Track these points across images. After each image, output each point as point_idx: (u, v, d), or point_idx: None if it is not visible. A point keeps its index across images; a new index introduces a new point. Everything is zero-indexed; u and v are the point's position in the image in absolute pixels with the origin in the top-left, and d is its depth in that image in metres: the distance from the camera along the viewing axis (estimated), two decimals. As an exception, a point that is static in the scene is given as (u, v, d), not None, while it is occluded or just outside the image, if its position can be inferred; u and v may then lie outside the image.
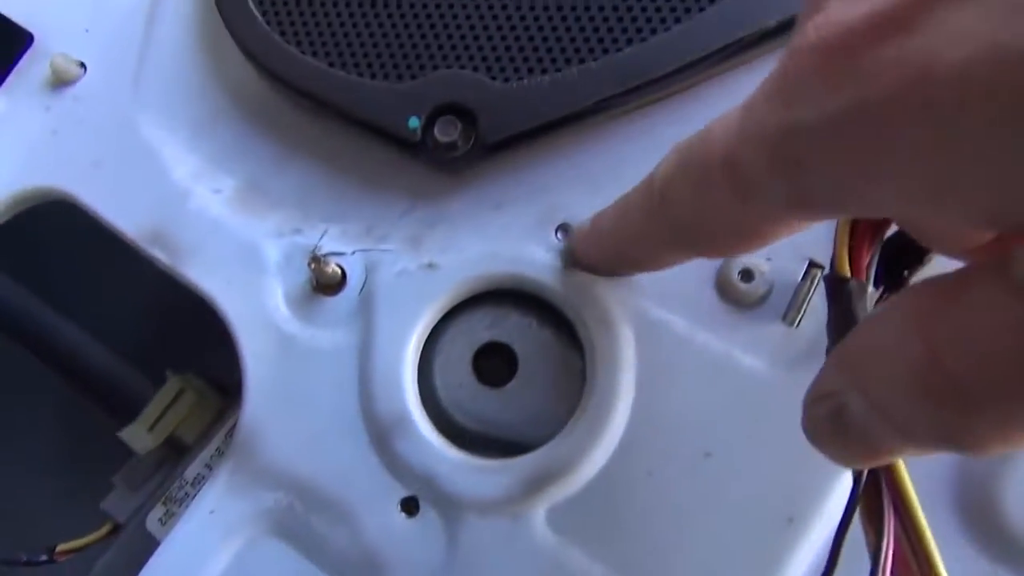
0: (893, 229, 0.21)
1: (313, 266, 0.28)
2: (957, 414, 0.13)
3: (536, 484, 0.25)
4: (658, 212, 0.20)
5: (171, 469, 0.31)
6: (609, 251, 0.25)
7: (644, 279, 0.26)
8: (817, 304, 0.26)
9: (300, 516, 0.27)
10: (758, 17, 0.26)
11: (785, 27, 0.26)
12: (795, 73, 0.14)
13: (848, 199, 0.15)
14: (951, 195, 0.13)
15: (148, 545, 0.28)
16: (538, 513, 0.25)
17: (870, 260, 0.21)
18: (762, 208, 0.17)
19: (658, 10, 0.27)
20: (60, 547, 0.32)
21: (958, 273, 0.14)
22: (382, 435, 0.26)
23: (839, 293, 0.20)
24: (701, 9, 0.27)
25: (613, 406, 0.25)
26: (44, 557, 0.31)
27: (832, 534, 0.18)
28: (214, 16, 0.31)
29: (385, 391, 0.27)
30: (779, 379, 0.25)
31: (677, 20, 0.27)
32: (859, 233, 0.20)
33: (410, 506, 0.26)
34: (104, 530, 0.31)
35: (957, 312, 0.13)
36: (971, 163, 0.12)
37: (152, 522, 0.30)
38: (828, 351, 0.20)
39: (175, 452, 0.32)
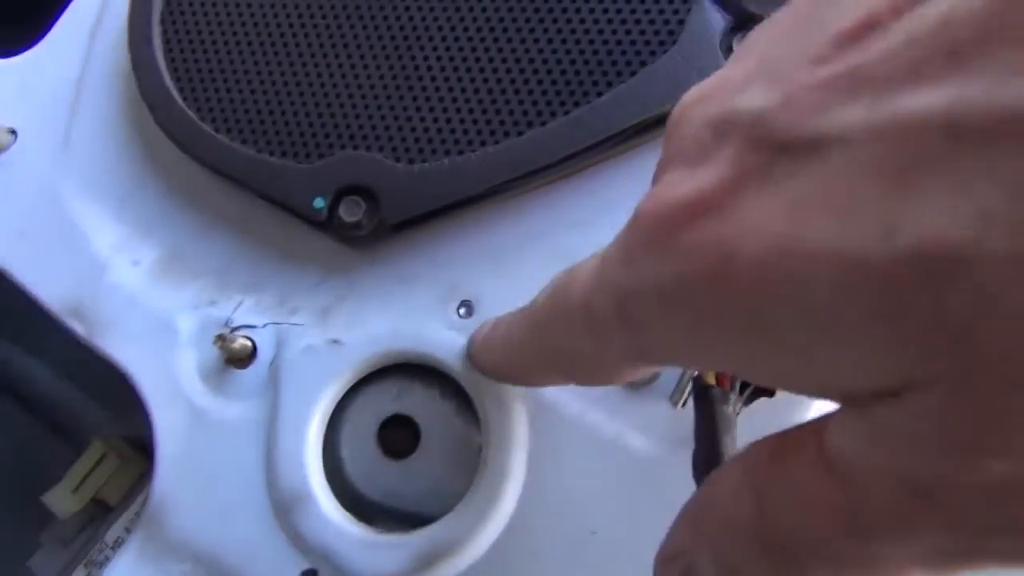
0: None
1: (219, 344, 0.28)
2: (792, 572, 0.13)
3: (426, 561, 0.26)
4: (535, 339, 0.21)
5: (96, 529, 0.32)
6: (497, 364, 0.25)
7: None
8: (703, 385, 0.26)
9: (205, 588, 0.28)
10: (649, 106, 0.27)
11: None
12: (633, 238, 0.15)
13: (683, 359, 0.16)
14: (761, 369, 0.13)
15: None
16: (432, 589, 0.26)
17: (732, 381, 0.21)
18: (615, 353, 0.17)
19: (555, 97, 0.28)
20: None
21: (793, 432, 0.14)
22: (284, 510, 0.27)
23: (702, 398, 0.21)
24: (599, 94, 0.28)
25: (503, 485, 0.26)
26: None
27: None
28: (136, 90, 0.32)
29: (287, 467, 0.27)
30: (665, 458, 0.26)
31: (575, 105, 0.28)
32: None
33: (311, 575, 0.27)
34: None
35: (783, 473, 0.13)
36: (770, 345, 0.12)
37: (72, 586, 0.31)
38: (694, 455, 0.21)
39: (101, 510, 0.33)
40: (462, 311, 0.29)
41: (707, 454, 0.20)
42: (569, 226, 0.29)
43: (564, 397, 0.27)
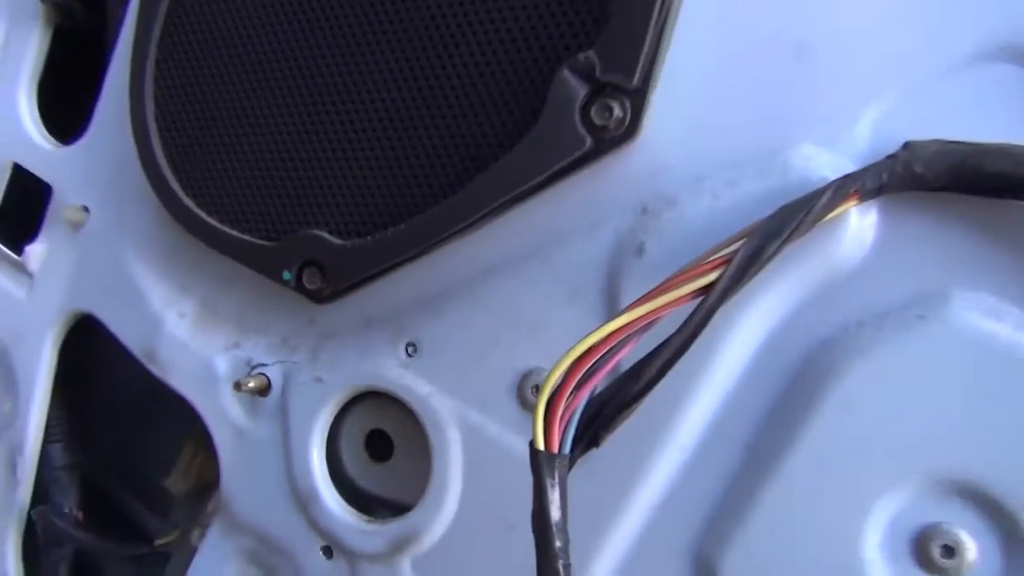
0: (584, 401, 0.26)
1: (237, 389, 0.37)
2: None
3: (398, 544, 0.35)
4: None
5: (203, 502, 0.44)
6: None
7: (467, 393, 0.34)
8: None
9: (265, 555, 0.39)
10: (520, 180, 0.30)
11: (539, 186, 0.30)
12: None
13: None
14: None
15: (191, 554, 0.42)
16: (405, 563, 0.35)
17: (563, 432, 0.27)
18: None
19: (449, 178, 0.32)
20: (157, 541, 0.47)
21: None
22: (303, 504, 0.37)
23: (538, 465, 0.27)
24: (480, 170, 0.31)
25: (447, 489, 0.34)
26: (146, 549, 0.47)
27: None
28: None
29: (300, 473, 0.37)
30: (571, 477, 0.32)
31: (465, 183, 0.32)
32: (551, 412, 0.26)
33: (327, 553, 0.37)
34: (173, 536, 0.45)
35: None
36: None
37: (194, 539, 0.43)
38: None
39: (203, 489, 0.45)
40: (410, 350, 0.35)
41: (534, 515, 0.26)
42: (482, 271, 0.34)
43: (485, 421, 0.33)
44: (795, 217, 0.26)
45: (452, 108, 0.32)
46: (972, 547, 0.27)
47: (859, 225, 0.27)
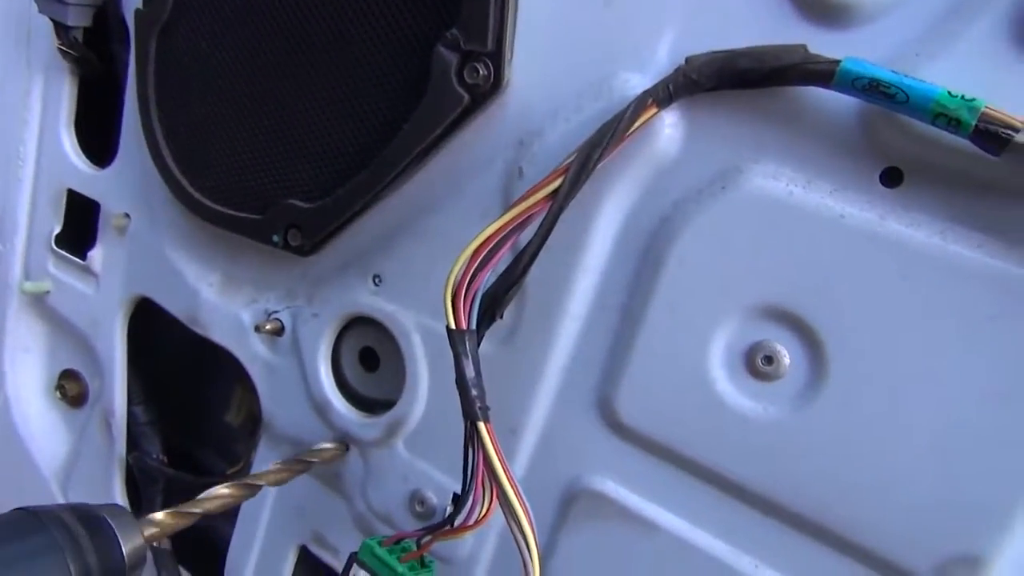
0: (482, 286, 0.36)
1: (258, 330, 0.49)
2: None
3: (391, 429, 0.46)
4: None
5: (254, 433, 0.56)
6: None
7: (421, 305, 0.44)
8: (514, 302, 0.41)
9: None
10: (425, 134, 0.40)
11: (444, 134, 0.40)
12: None
13: None
14: None
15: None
16: (399, 443, 0.46)
17: (469, 312, 0.37)
18: None
19: (374, 142, 0.42)
20: (229, 471, 0.59)
21: None
22: (320, 412, 0.48)
23: (452, 340, 0.37)
24: (394, 134, 0.41)
25: (419, 381, 0.44)
26: (219, 479, 0.59)
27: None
28: (170, 180, 0.51)
29: (315, 389, 0.48)
30: (498, 354, 0.42)
31: (384, 147, 0.41)
32: (456, 297, 0.36)
33: (344, 445, 0.48)
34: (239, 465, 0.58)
35: None
36: None
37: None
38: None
39: (253, 420, 0.57)
40: (376, 280, 0.46)
41: (456, 376, 0.36)
42: (417, 211, 0.43)
43: (438, 325, 0.43)
44: (609, 130, 0.35)
45: (364, 94, 0.41)
46: (786, 354, 0.35)
47: (667, 127, 0.36)
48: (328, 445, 0.48)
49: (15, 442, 0.68)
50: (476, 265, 0.36)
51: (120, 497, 0.61)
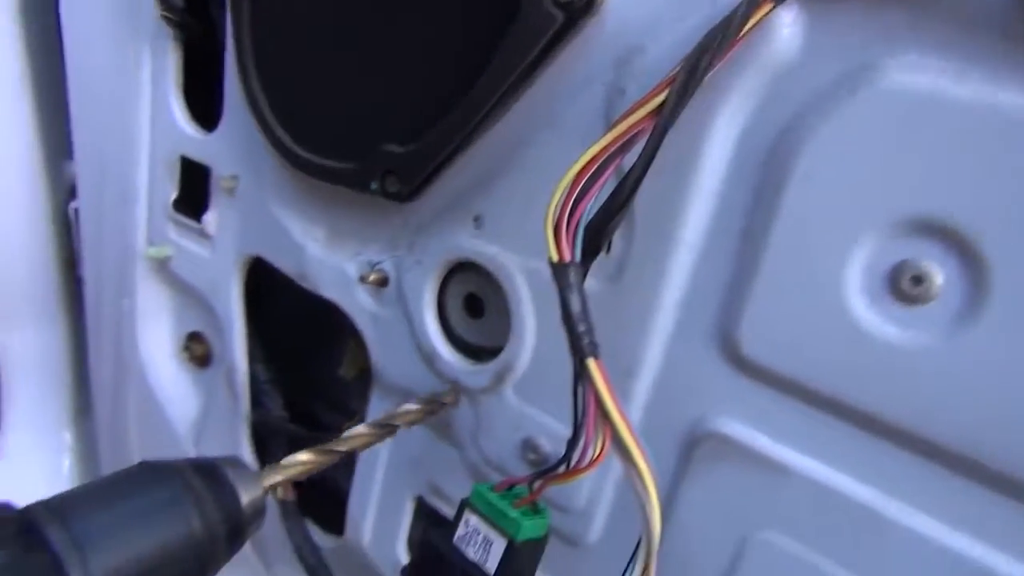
0: (585, 214, 0.34)
1: (363, 281, 0.48)
2: None
3: (500, 375, 0.44)
4: None
5: (367, 385, 0.56)
6: None
7: (524, 245, 0.42)
8: (621, 234, 0.38)
9: (411, 407, 0.50)
10: (517, 63, 0.38)
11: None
12: None
13: None
14: None
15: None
16: (508, 389, 0.44)
17: (572, 243, 0.34)
18: None
19: (464, 78, 0.40)
20: (345, 425, 0.60)
21: None
22: (429, 361, 0.48)
23: (555, 274, 0.34)
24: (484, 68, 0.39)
25: (526, 325, 0.43)
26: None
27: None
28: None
29: (422, 338, 0.47)
30: (606, 292, 0.39)
31: (474, 80, 0.39)
32: (558, 227, 0.34)
33: (458, 391, 0.47)
34: (355, 420, 0.58)
35: None
36: None
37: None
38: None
39: (366, 373, 0.57)
40: (476, 223, 0.44)
41: (562, 312, 0.34)
42: (514, 146, 0.41)
43: (541, 264, 0.41)
44: (719, 33, 0.31)
45: (453, 26, 0.39)
46: (939, 273, 0.31)
47: (785, 25, 0.32)
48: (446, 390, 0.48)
49: (153, 405, 0.72)
50: (577, 192, 0.33)
51: (248, 453, 0.64)
